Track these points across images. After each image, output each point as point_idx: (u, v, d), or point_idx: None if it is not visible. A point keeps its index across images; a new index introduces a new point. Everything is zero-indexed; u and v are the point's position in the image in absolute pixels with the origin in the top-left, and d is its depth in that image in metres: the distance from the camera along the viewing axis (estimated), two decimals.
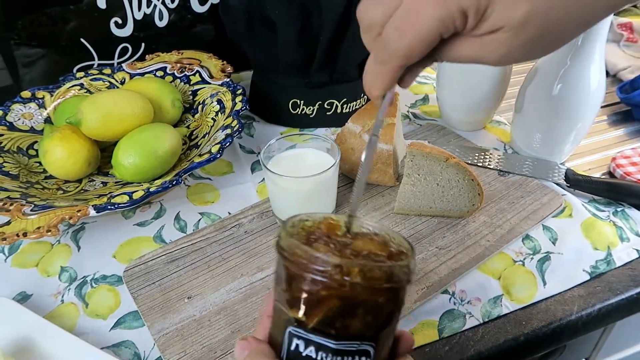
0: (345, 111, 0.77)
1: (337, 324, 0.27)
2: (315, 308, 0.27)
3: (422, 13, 0.29)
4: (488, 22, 0.29)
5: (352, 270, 0.26)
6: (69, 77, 0.75)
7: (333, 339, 0.27)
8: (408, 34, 0.29)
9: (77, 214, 0.52)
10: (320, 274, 0.26)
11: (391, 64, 0.31)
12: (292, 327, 0.28)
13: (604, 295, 0.53)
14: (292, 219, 0.31)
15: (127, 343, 0.48)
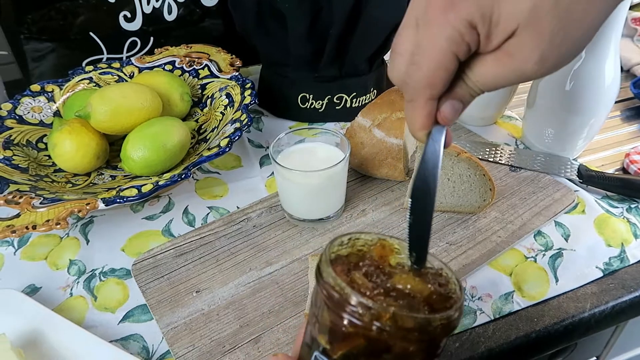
0: (354, 105, 0.76)
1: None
2: (341, 342, 0.26)
3: (430, 40, 0.28)
4: (500, 26, 0.27)
5: (383, 316, 0.25)
6: (78, 70, 0.75)
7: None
8: (423, 64, 0.29)
9: (86, 207, 0.52)
10: (350, 312, 0.25)
11: (418, 100, 0.30)
12: (317, 352, 0.28)
13: (617, 293, 0.52)
14: (340, 239, 0.30)
15: (136, 336, 0.48)
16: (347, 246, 0.30)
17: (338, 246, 0.30)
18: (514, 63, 0.28)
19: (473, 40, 0.28)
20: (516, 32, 0.27)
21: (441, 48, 0.28)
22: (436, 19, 0.28)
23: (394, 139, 0.61)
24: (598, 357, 0.73)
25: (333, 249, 0.29)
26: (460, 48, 0.28)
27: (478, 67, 0.29)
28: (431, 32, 0.28)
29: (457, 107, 0.31)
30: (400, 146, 0.61)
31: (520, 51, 0.28)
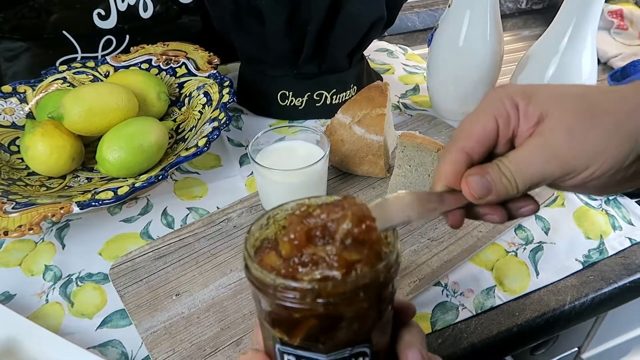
0: (334, 102, 0.76)
1: (321, 339, 0.26)
2: (295, 329, 0.26)
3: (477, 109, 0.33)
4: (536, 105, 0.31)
5: (323, 292, 0.24)
6: (51, 70, 0.73)
7: (322, 352, 0.26)
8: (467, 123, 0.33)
9: (60, 212, 0.50)
10: (290, 300, 0.24)
11: (450, 148, 0.32)
12: (278, 344, 0.27)
13: (597, 285, 0.53)
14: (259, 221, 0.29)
15: (114, 342, 0.47)
16: (269, 226, 0.29)
17: (259, 231, 0.29)
18: (542, 138, 0.30)
19: (513, 113, 0.31)
20: (548, 113, 0.30)
21: (484, 111, 0.32)
22: (488, 96, 0.33)
23: (374, 135, 0.61)
24: (579, 348, 0.74)
25: (255, 235, 0.28)
26: (500, 113, 0.31)
27: (512, 152, 0.31)
28: (481, 105, 0.33)
29: (484, 183, 0.31)
30: (381, 143, 0.60)
31: (548, 124, 0.30)
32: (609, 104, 0.30)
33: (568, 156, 0.29)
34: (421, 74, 0.91)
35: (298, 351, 0.26)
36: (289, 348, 0.27)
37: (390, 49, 1.00)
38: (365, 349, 0.27)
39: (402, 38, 1.10)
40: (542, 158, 0.30)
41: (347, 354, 0.26)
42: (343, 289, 0.24)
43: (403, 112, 0.80)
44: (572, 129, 0.29)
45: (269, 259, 0.26)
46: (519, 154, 0.31)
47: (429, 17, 1.12)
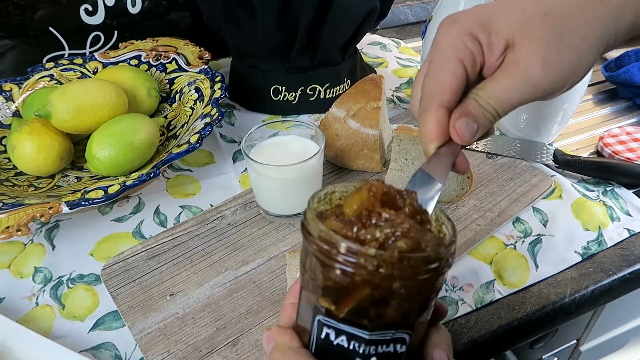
0: (328, 96, 0.75)
1: (370, 314, 0.25)
2: (345, 298, 0.25)
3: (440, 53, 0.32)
4: (498, 35, 0.31)
5: (387, 261, 0.23)
6: (38, 67, 0.71)
7: (366, 329, 0.25)
8: (434, 73, 0.32)
9: (49, 212, 0.49)
10: (351, 265, 0.24)
11: (429, 109, 0.32)
12: (321, 315, 0.26)
13: (596, 277, 0.52)
14: (319, 192, 0.28)
15: (107, 345, 0.46)
16: (329, 197, 0.29)
17: (317, 201, 0.28)
18: (519, 71, 0.30)
19: (476, 49, 0.31)
20: (515, 42, 0.30)
21: (448, 57, 0.31)
22: (444, 36, 0.32)
23: (369, 129, 0.60)
24: (578, 341, 0.74)
25: (314, 202, 0.28)
26: (465, 55, 0.31)
27: (488, 84, 0.31)
28: (440, 47, 0.32)
29: (472, 125, 0.32)
30: (376, 136, 0.60)
31: (522, 56, 0.30)
32: (573, 21, 0.30)
33: (546, 83, 0.30)
34: (415, 67, 0.90)
35: (341, 325, 0.25)
36: (332, 320, 0.26)
37: (384, 43, 0.99)
38: (406, 335, 0.26)
39: (395, 31, 1.09)
40: (522, 88, 0.31)
41: (389, 336, 0.26)
42: (407, 262, 0.23)
43: (398, 105, 0.79)
44: (547, 59, 0.30)
45: (329, 223, 0.25)
46: (497, 86, 0.31)
47: (422, 10, 1.11)
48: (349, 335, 0.25)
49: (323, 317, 0.26)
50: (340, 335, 0.26)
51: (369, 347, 0.25)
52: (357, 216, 0.26)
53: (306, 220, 0.26)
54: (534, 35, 0.30)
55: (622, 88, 0.82)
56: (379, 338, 0.25)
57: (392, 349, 0.26)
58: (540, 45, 0.30)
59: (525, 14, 0.30)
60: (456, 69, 0.31)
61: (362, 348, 0.25)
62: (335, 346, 0.26)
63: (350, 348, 0.26)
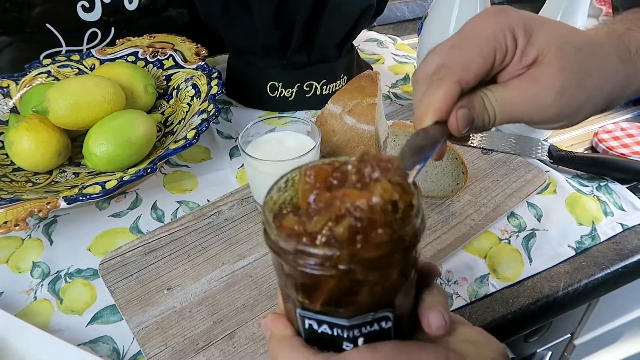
0: (324, 93, 0.75)
1: (343, 303, 0.25)
2: (314, 293, 0.25)
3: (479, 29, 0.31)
4: (535, 46, 0.31)
5: (344, 257, 0.23)
6: (35, 64, 0.72)
7: (344, 317, 0.25)
8: (466, 47, 0.31)
9: (47, 207, 0.49)
10: (309, 266, 0.23)
11: (446, 79, 0.31)
12: (299, 309, 0.26)
13: (589, 271, 0.53)
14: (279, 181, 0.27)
15: (105, 338, 0.46)
16: (288, 188, 0.27)
17: (277, 194, 0.27)
18: (535, 89, 0.31)
19: (511, 48, 0.31)
20: (544, 61, 0.31)
21: (486, 37, 0.31)
22: (488, 17, 0.31)
23: (365, 125, 0.60)
24: (572, 335, 0.75)
25: (273, 199, 0.27)
26: (500, 46, 0.31)
27: (500, 89, 0.32)
28: (479, 28, 0.31)
29: (469, 119, 0.31)
30: (372, 132, 0.60)
31: (544, 77, 0.31)
32: (595, 67, 0.32)
33: (553, 111, 0.31)
34: (411, 64, 0.90)
35: (319, 316, 0.26)
36: (310, 313, 0.26)
37: (380, 39, 0.99)
38: (388, 313, 0.26)
39: (392, 28, 1.09)
40: (530, 106, 0.31)
41: (370, 318, 0.25)
42: (365, 255, 0.23)
43: (394, 102, 0.79)
44: (564, 89, 0.31)
45: (287, 222, 0.25)
46: (508, 94, 0.31)
47: (418, 7, 1.12)
48: (329, 324, 0.26)
49: (301, 310, 0.26)
50: (322, 324, 0.26)
51: (352, 331, 0.25)
52: (305, 207, 0.24)
53: (262, 221, 0.26)
54: (562, 63, 0.31)
55: None
56: (359, 322, 0.25)
57: (378, 327, 0.26)
58: (564, 74, 0.31)
59: (563, 39, 0.31)
60: (488, 54, 0.31)
61: (345, 333, 0.26)
62: (321, 334, 0.26)
63: (334, 334, 0.26)
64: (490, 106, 0.32)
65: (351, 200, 0.23)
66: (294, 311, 0.27)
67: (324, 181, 0.25)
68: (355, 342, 0.26)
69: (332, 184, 0.25)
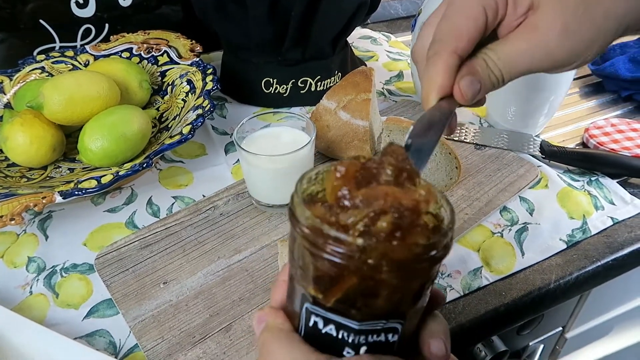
0: (319, 89, 0.76)
1: (358, 304, 0.23)
2: (332, 287, 0.23)
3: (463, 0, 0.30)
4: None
5: (375, 253, 0.21)
6: (29, 60, 0.71)
7: (355, 319, 0.24)
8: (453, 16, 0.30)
9: (42, 201, 0.50)
10: (337, 254, 0.22)
11: (442, 53, 0.29)
12: (308, 303, 0.25)
13: (580, 263, 0.54)
14: (310, 172, 0.26)
15: (102, 332, 0.47)
16: (317, 182, 0.26)
17: (307, 183, 0.26)
18: (536, 35, 0.29)
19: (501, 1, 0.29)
20: (540, 4, 0.29)
21: (470, 1, 0.29)
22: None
23: (359, 120, 0.61)
24: (564, 328, 0.76)
25: (303, 186, 0.26)
26: (488, 3, 0.29)
27: (500, 46, 0.30)
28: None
29: (475, 85, 0.30)
30: (367, 128, 0.60)
31: (543, 21, 0.28)
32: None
33: (561, 53, 0.29)
34: (405, 61, 0.91)
35: (329, 314, 0.24)
36: (319, 309, 0.25)
37: (374, 37, 1.00)
38: (398, 325, 0.25)
39: (386, 25, 1.09)
40: (535, 54, 0.29)
41: (380, 326, 0.24)
42: (398, 254, 0.22)
43: (388, 98, 0.80)
44: (567, 28, 0.29)
45: (317, 210, 0.24)
46: (509, 48, 0.30)
47: (412, 5, 1.12)
48: (337, 324, 0.24)
49: (311, 305, 0.25)
50: (329, 324, 0.25)
51: (359, 336, 0.24)
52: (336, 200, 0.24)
53: (293, 205, 0.24)
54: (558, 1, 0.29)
55: (607, 81, 0.84)
56: (369, 328, 0.24)
57: (384, 338, 0.25)
58: (563, 12, 0.29)
59: None
60: (478, 15, 0.29)
61: (351, 337, 0.25)
62: (324, 334, 0.25)
63: (339, 337, 0.25)
64: (494, 66, 0.30)
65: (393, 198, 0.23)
66: (300, 305, 0.26)
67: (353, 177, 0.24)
68: (357, 350, 0.25)
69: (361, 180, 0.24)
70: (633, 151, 0.66)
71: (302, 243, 0.24)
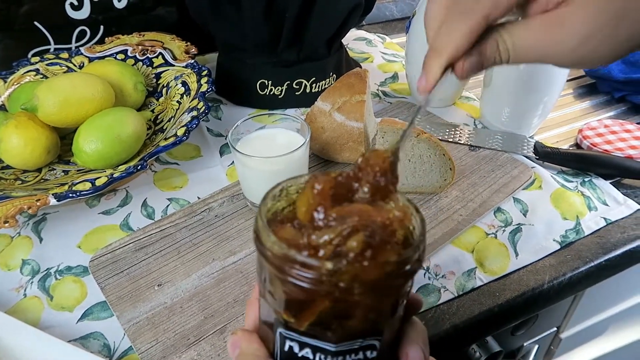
0: (314, 91, 0.76)
1: (333, 326, 0.23)
2: (304, 311, 0.23)
3: None
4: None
5: (346, 275, 0.21)
6: (23, 62, 0.71)
7: (331, 341, 0.23)
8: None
9: (37, 204, 0.49)
10: (306, 280, 0.21)
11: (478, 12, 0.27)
12: (282, 328, 0.24)
13: (574, 264, 0.54)
14: (274, 189, 0.26)
15: (96, 334, 0.47)
16: (282, 198, 0.26)
17: (272, 202, 0.26)
18: (560, 33, 0.27)
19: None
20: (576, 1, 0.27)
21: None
22: None
23: (354, 122, 0.61)
24: (558, 328, 0.76)
25: (267, 206, 0.25)
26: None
27: (520, 32, 0.28)
28: None
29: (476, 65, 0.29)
30: (361, 129, 0.61)
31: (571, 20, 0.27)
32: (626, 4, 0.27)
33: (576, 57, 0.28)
34: (400, 62, 0.91)
35: (304, 338, 0.24)
36: (293, 333, 0.24)
37: (369, 38, 1.00)
38: (376, 342, 0.24)
39: (381, 27, 1.10)
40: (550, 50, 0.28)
41: (357, 345, 0.24)
42: (370, 274, 0.21)
43: (383, 99, 0.80)
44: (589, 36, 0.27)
45: (284, 232, 0.23)
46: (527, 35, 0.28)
47: (407, 6, 1.13)
48: (313, 347, 0.24)
49: (284, 330, 0.24)
50: (305, 347, 0.24)
51: (336, 358, 0.24)
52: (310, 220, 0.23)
53: (257, 228, 0.24)
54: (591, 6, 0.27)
55: (601, 82, 0.84)
56: (346, 349, 0.24)
57: (362, 357, 0.25)
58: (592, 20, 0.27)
59: None
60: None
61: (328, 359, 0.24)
62: (301, 358, 0.25)
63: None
64: (504, 50, 0.29)
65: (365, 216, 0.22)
66: (274, 330, 0.25)
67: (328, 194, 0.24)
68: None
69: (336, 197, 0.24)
70: (626, 152, 0.67)
71: (269, 269, 0.23)
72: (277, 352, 0.26)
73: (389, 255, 0.22)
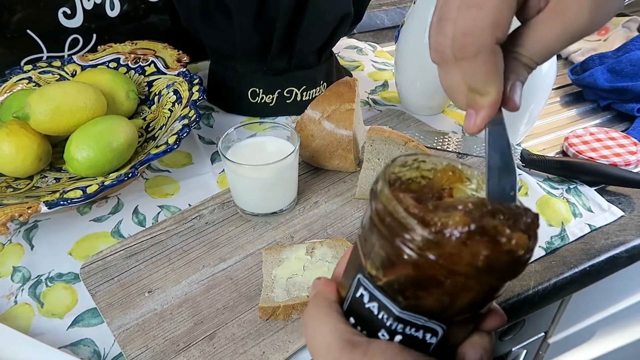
0: (305, 99, 0.77)
1: (407, 293, 0.24)
2: (387, 269, 0.24)
3: None
4: None
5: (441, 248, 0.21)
6: (16, 70, 0.72)
7: (399, 305, 0.24)
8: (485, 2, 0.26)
9: (28, 211, 0.50)
10: (401, 240, 0.22)
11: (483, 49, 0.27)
12: (361, 275, 0.26)
13: (558, 270, 0.55)
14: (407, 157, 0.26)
15: (86, 341, 0.47)
16: (411, 168, 0.27)
17: (400, 167, 0.26)
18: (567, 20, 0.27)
19: None
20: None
21: None
22: None
23: (343, 130, 0.62)
24: (546, 333, 0.77)
25: (394, 169, 0.26)
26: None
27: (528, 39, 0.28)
28: None
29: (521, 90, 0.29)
30: (350, 137, 0.62)
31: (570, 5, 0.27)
32: None
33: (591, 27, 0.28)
34: (390, 70, 0.92)
35: (377, 291, 0.25)
36: (369, 283, 0.25)
37: (360, 46, 1.01)
38: (439, 328, 0.24)
39: (371, 35, 1.11)
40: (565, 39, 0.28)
41: (421, 322, 0.24)
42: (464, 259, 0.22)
43: (373, 107, 0.81)
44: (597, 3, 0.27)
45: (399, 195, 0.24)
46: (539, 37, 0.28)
47: (397, 15, 1.14)
48: (380, 304, 0.25)
49: (363, 278, 0.25)
50: (373, 301, 0.25)
51: (397, 323, 0.25)
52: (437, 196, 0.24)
53: (378, 182, 0.25)
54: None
55: (587, 91, 0.86)
56: (408, 319, 0.24)
57: (421, 336, 0.25)
58: None
59: None
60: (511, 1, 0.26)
61: (389, 322, 0.25)
62: (366, 309, 0.26)
63: (378, 317, 0.25)
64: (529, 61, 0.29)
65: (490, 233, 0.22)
66: (354, 275, 0.26)
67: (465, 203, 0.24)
68: (392, 336, 0.25)
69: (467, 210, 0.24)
70: (610, 159, 0.68)
71: (373, 219, 0.24)
72: (348, 297, 0.27)
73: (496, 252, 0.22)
